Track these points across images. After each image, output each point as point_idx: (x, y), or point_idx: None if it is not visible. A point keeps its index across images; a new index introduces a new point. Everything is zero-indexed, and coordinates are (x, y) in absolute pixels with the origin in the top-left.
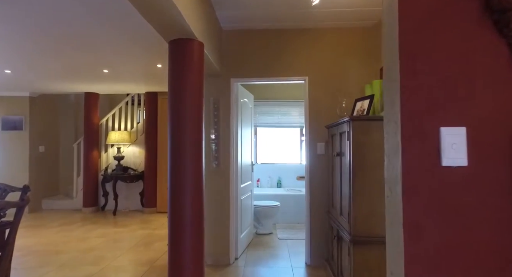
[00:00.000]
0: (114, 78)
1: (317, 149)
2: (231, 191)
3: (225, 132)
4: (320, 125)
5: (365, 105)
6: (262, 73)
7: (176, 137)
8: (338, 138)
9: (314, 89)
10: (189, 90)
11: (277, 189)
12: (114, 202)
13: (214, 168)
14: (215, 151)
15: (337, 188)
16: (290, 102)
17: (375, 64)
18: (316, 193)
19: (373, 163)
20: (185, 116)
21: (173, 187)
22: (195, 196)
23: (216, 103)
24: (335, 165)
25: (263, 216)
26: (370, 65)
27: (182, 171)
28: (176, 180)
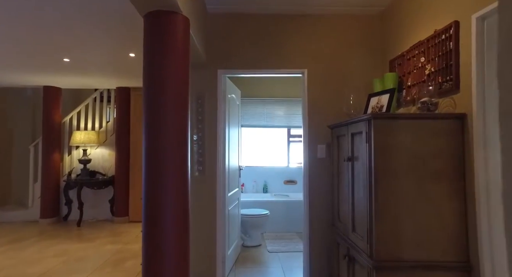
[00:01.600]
0: (78, 70)
1: (317, 152)
2: (218, 201)
3: (211, 132)
4: (320, 124)
5: (383, 101)
6: (254, 64)
7: (153, 139)
8: (349, 139)
9: (314, 83)
10: (172, 79)
11: (263, 194)
12: (78, 212)
13: (197, 174)
14: (199, 154)
15: (347, 198)
16: (278, 101)
17: (384, 56)
18: (316, 202)
19: (399, 169)
20: (166, 112)
21: (149, 201)
22: (178, 211)
23: (200, 98)
24: (342, 171)
25: (251, 226)
26: (377, 57)
27: (161, 182)
28: (153, 193)
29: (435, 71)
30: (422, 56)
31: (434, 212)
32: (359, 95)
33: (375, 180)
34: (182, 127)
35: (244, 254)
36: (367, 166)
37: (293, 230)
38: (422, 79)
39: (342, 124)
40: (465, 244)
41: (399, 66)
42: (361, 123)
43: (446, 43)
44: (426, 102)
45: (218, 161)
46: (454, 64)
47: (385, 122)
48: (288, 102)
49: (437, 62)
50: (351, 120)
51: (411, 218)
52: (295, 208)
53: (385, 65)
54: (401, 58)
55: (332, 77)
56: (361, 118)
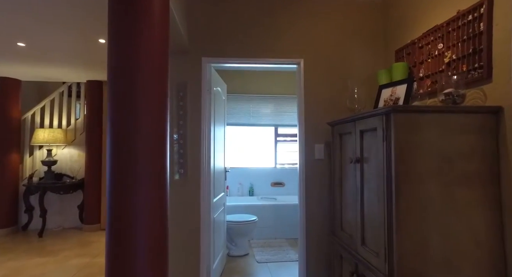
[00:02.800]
0: (39, 58)
1: (315, 153)
2: (202, 209)
3: (194, 129)
4: (318, 121)
5: (398, 93)
6: (243, 52)
7: (120, 139)
8: (356, 138)
9: (311, 75)
10: (147, 66)
11: (249, 198)
12: (41, 220)
13: (178, 178)
14: (180, 155)
15: (353, 206)
16: (265, 98)
17: (388, 46)
18: (313, 209)
19: (424, 173)
20: (138, 106)
21: (115, 217)
22: (154, 227)
23: (181, 91)
24: (347, 174)
25: (238, 234)
26: (380, 47)
27: (131, 191)
28: (121, 206)
29: (457, 59)
30: (440, 42)
31: (464, 224)
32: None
33: (396, 185)
34: (159, 124)
35: (231, 265)
36: (384, 169)
37: (282, 236)
38: (440, 68)
39: (347, 120)
40: (503, 263)
41: (408, 55)
42: (375, 118)
43: (474, 24)
44: (452, 94)
45: (202, 162)
46: (486, 49)
47: (408, 116)
48: (276, 99)
49: (460, 48)
50: (360, 115)
51: (437, 231)
52: (284, 213)
53: (390, 55)
54: (411, 47)
55: (332, 68)
56: (375, 112)
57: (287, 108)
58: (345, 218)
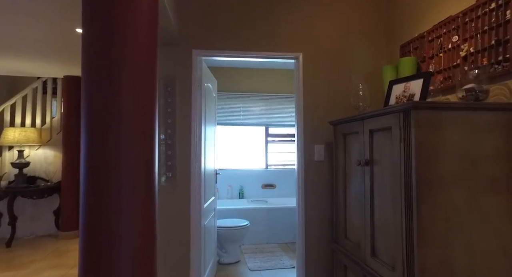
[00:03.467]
0: (7, 49)
1: (315, 154)
2: (192, 215)
3: (184, 129)
4: (319, 120)
5: (413, 89)
6: (238, 44)
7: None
8: (365, 138)
9: (311, 71)
10: (132, 56)
11: (239, 201)
12: (9, 228)
13: (165, 182)
14: (167, 156)
15: (361, 212)
16: (256, 96)
17: (392, 40)
18: (313, 214)
19: (447, 177)
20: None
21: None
22: (138, 246)
23: (169, 85)
24: (352, 177)
25: (229, 240)
26: (382, 42)
27: (111, 202)
28: (97, 219)
29: (476, 52)
30: (455, 34)
31: (492, 234)
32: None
33: (418, 192)
34: (146, 124)
35: (222, 274)
36: (402, 173)
37: (275, 241)
38: (454, 63)
39: (353, 119)
40: None
41: (415, 50)
42: (389, 116)
43: (498, 13)
44: (474, 90)
45: (192, 165)
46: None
47: (430, 114)
48: (267, 98)
49: (480, 40)
50: (370, 112)
51: (463, 242)
52: (276, 216)
53: (394, 50)
54: (419, 41)
55: (333, 64)
56: (390, 109)
57: (278, 107)
58: (350, 225)
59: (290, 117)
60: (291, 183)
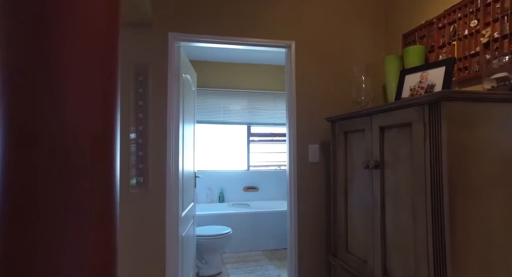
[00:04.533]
0: None
1: (309, 155)
2: (168, 227)
3: (159, 126)
4: (313, 117)
5: (432, 79)
6: (221, 28)
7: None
8: (374, 136)
9: (304, 61)
10: (78, 36)
11: (219, 205)
12: None
13: (135, 189)
14: (138, 158)
15: (368, 223)
16: (238, 93)
17: (390, 30)
18: (307, 223)
19: (485, 184)
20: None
21: None
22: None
23: (142, 74)
24: (356, 181)
25: (209, 250)
26: (380, 32)
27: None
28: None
29: (501, 37)
30: (473, 18)
31: None
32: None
33: (451, 202)
34: (102, 120)
35: None
36: (427, 178)
37: (258, 248)
38: (472, 51)
39: (357, 114)
40: None
41: (422, 39)
42: (408, 110)
43: None
44: (509, 79)
45: (168, 167)
46: None
47: (467, 106)
48: (249, 95)
49: (507, 23)
50: (383, 106)
51: (504, 261)
52: (260, 221)
53: (395, 40)
54: (426, 29)
55: (329, 54)
56: (410, 101)
57: (261, 105)
58: (354, 238)
59: (274, 116)
60: (274, 185)
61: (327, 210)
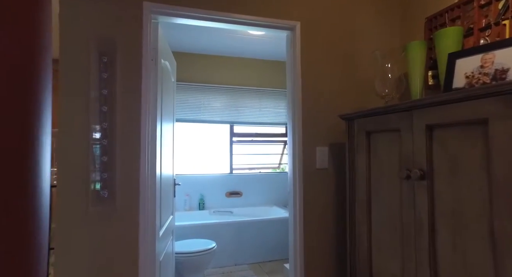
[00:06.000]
0: None
1: (316, 160)
2: (141, 252)
3: (130, 123)
4: (321, 114)
5: (501, 61)
6: (209, 1)
7: None
8: (417, 138)
9: (312, 47)
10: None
11: (199, 213)
12: None
13: (97, 205)
14: (103, 165)
15: (409, 250)
16: (220, 89)
17: (409, 13)
18: (313, 242)
19: None
20: None
21: None
22: None
23: (107, 54)
24: (385, 195)
25: (190, 269)
26: (395, 16)
27: None
28: None
29: None
30: None
31: None
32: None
33: None
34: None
35: None
36: None
37: (244, 261)
38: None
39: (390, 109)
40: None
41: (453, 22)
42: (484, 102)
43: None
44: None
45: (143, 176)
46: None
47: None
48: (233, 91)
49: None
50: (434, 97)
51: None
52: (245, 231)
53: (415, 24)
54: (461, 9)
55: (339, 40)
56: (489, 89)
57: (245, 102)
58: (382, 268)
59: (260, 114)
60: (259, 190)
61: (339, 227)
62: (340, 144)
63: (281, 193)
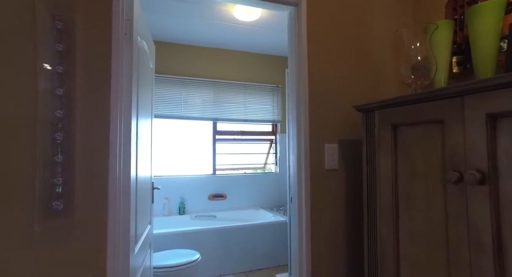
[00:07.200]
0: None
1: (325, 159)
2: (111, 275)
3: (95, 111)
4: (329, 105)
5: None
6: None
7: None
8: (473, 130)
9: (319, 26)
10: None
11: (180, 218)
12: None
13: (48, 222)
14: (54, 167)
15: (462, 274)
16: (204, 83)
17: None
18: (322, 253)
19: None
20: None
21: None
22: None
23: (61, 19)
24: (421, 204)
25: None
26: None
27: None
28: None
29: None
30: None
31: None
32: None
33: None
34: None
35: None
36: None
37: (229, 271)
38: None
39: (431, 96)
40: None
41: None
42: None
43: None
44: None
45: (113, 181)
46: None
47: None
48: (216, 86)
49: None
50: (503, 77)
51: None
52: (230, 238)
53: (433, 4)
54: None
55: (349, 20)
56: None
57: (230, 97)
58: None
59: (245, 111)
60: (244, 192)
61: (354, 244)
62: (351, 140)
63: (267, 195)
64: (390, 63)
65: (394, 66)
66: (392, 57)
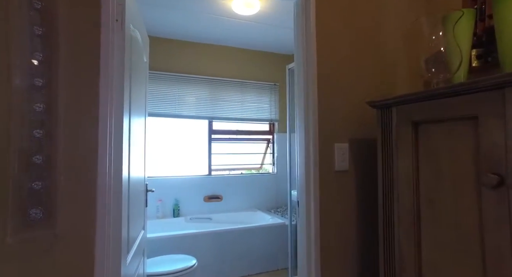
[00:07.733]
0: None
1: (335, 159)
2: None
3: (82, 104)
4: (338, 101)
5: None
6: None
7: None
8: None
9: (329, 16)
10: None
11: (174, 221)
12: None
13: (26, 232)
14: (32, 169)
15: None
16: (199, 80)
17: None
18: (332, 265)
19: None
20: None
21: None
22: None
23: (41, 1)
24: (450, 210)
25: None
26: None
27: None
28: None
29: None
30: None
31: None
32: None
33: None
34: None
35: None
36: None
37: (229, 275)
38: None
39: (460, 89)
40: None
41: None
42: None
43: None
44: None
45: (102, 180)
46: None
47: None
48: (212, 83)
49: None
50: None
51: None
52: (227, 242)
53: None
54: None
55: (359, 10)
56: None
57: (226, 95)
58: None
59: (242, 109)
60: (241, 193)
61: (369, 252)
62: (363, 139)
63: (265, 196)
64: (403, 57)
65: (407, 60)
66: (405, 51)
